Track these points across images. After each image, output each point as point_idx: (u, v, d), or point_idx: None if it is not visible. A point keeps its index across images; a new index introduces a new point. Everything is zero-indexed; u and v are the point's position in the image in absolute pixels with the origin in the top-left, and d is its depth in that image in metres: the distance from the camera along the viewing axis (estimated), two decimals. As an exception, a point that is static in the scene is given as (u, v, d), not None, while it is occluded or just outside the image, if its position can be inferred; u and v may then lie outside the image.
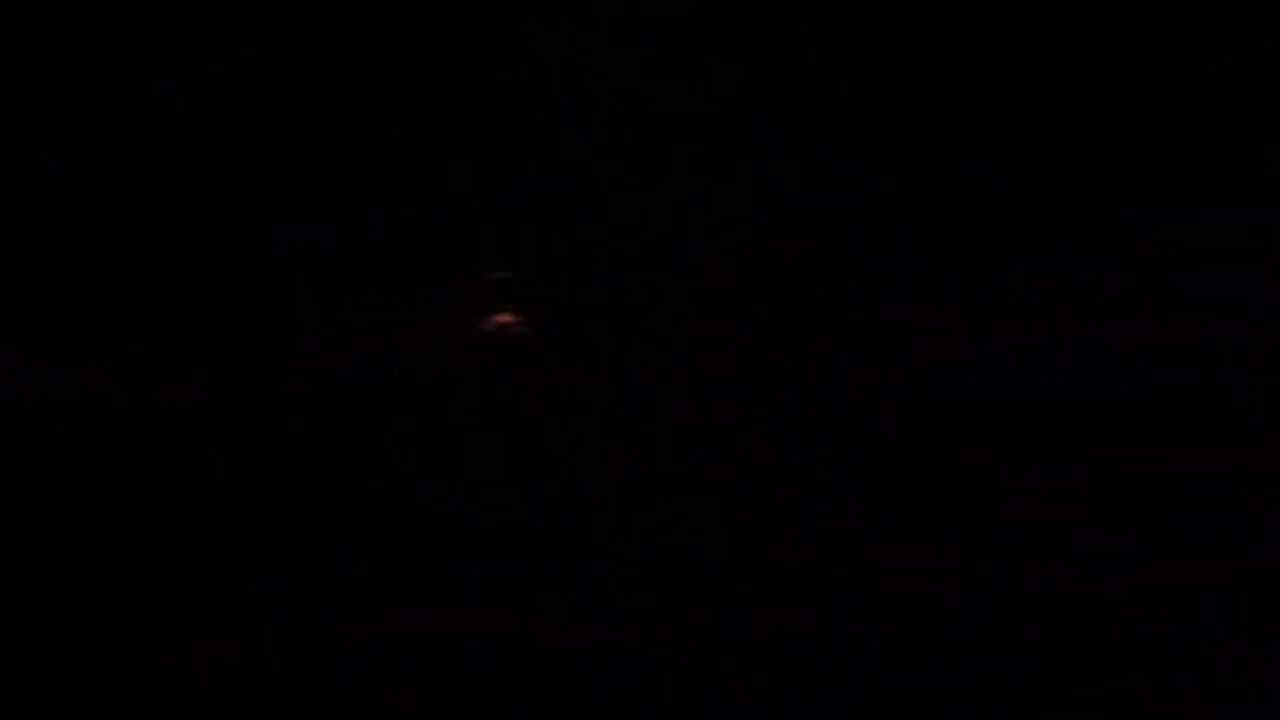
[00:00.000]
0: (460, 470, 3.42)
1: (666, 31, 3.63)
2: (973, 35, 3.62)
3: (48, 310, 3.52)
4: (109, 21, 3.58)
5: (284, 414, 3.46)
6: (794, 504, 3.37)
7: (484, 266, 3.56)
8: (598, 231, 3.59)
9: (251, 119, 3.59)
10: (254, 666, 3.22)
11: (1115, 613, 3.25)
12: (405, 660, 3.22)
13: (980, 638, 3.23)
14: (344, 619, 3.26)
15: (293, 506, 3.37)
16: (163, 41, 3.58)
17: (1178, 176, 3.57)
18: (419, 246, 3.59)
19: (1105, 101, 3.60)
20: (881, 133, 3.61)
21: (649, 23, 3.63)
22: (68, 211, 3.56)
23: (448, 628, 3.26)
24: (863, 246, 3.56)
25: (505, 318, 3.53)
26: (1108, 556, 3.30)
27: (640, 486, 3.41)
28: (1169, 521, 3.33)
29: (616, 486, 3.41)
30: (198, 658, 3.23)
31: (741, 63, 3.63)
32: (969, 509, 3.35)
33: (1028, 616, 3.25)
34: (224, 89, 3.58)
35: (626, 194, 3.60)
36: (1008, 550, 3.31)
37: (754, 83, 3.63)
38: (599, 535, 3.36)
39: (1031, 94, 3.60)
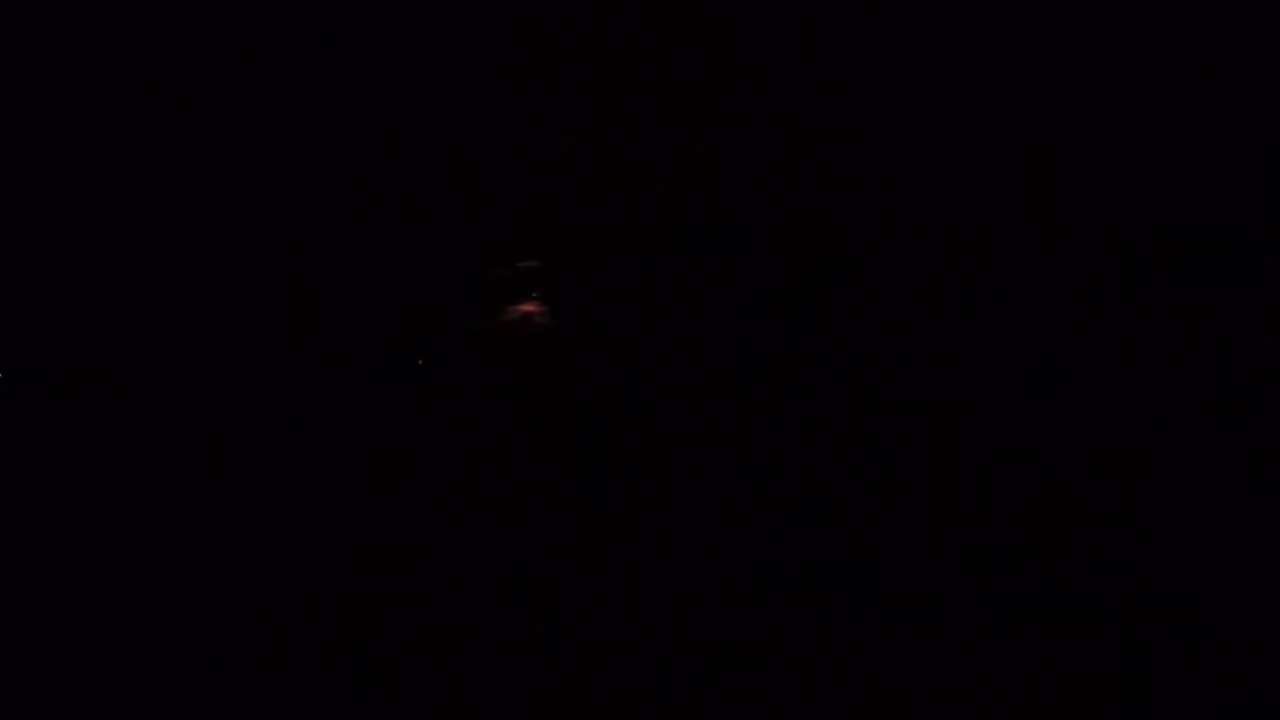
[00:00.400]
0: (463, 469, 3.42)
1: (666, 31, 3.63)
2: (973, 35, 3.62)
3: (48, 310, 3.52)
4: (109, 21, 3.58)
5: (286, 413, 3.46)
6: (794, 504, 3.37)
7: (509, 258, 3.56)
8: (597, 231, 3.59)
9: (254, 119, 3.59)
10: (255, 666, 3.22)
11: (1115, 613, 3.25)
12: (405, 660, 3.22)
13: (980, 638, 3.23)
14: (344, 619, 3.26)
15: (293, 506, 3.37)
16: (163, 41, 3.58)
17: (1178, 176, 3.57)
18: (435, 241, 3.59)
19: (1105, 101, 3.60)
20: (881, 133, 3.61)
21: (649, 23, 3.63)
22: (68, 212, 3.56)
23: (448, 628, 3.26)
24: (863, 246, 3.56)
25: (529, 307, 3.53)
26: (1108, 556, 3.30)
27: (640, 486, 3.41)
28: (1169, 521, 3.33)
29: (617, 486, 3.41)
30: (199, 657, 3.23)
31: (741, 63, 3.63)
32: (969, 509, 3.35)
33: (1028, 616, 3.25)
34: (224, 89, 3.58)
35: (626, 193, 3.59)
36: (1008, 550, 3.31)
37: (754, 83, 3.63)
38: (599, 535, 3.36)
39: (1031, 94, 3.60)
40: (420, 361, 3.46)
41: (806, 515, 3.36)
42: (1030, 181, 3.57)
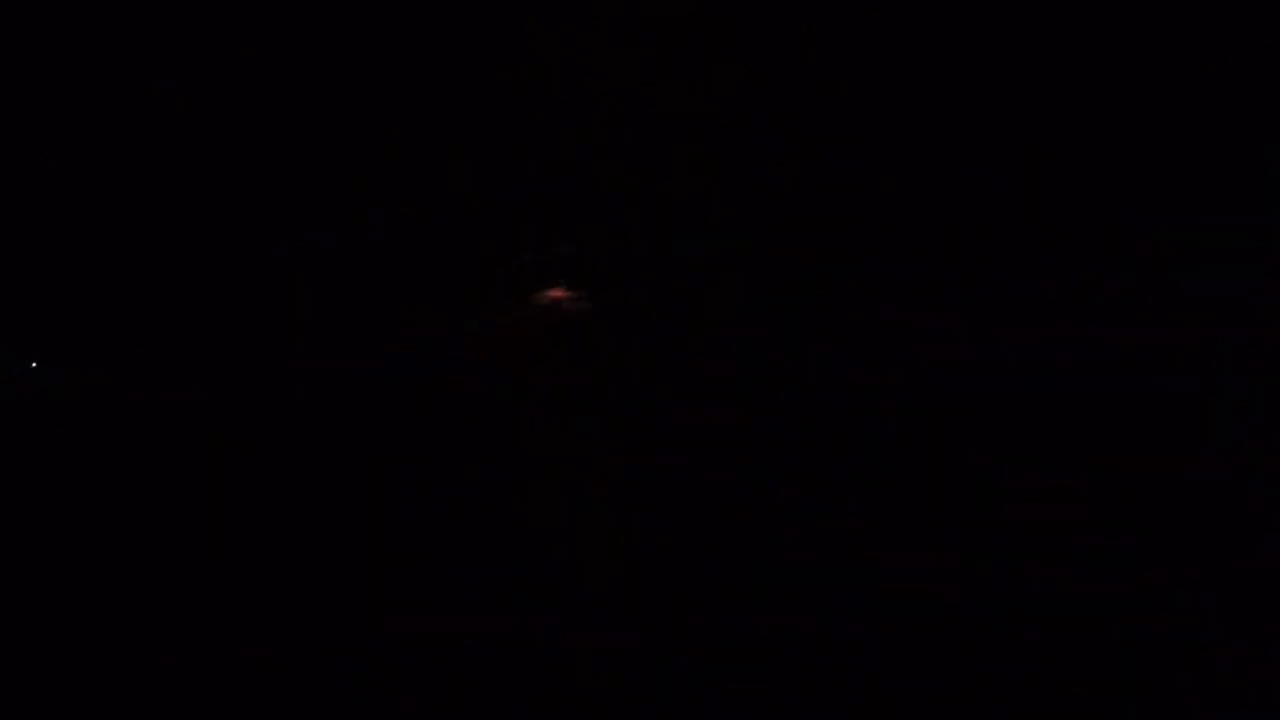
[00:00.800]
0: (463, 469, 3.42)
1: (666, 31, 3.63)
2: (973, 35, 3.62)
3: (48, 310, 3.52)
4: (109, 22, 3.58)
5: (286, 413, 3.46)
6: (794, 504, 3.37)
7: (508, 258, 3.56)
8: (596, 231, 3.59)
9: (254, 119, 3.59)
10: (255, 666, 3.22)
11: (1115, 613, 3.25)
12: (405, 660, 3.22)
13: (980, 638, 3.23)
14: (344, 619, 3.26)
15: (293, 506, 3.37)
16: (163, 42, 3.58)
17: (1178, 176, 3.57)
18: (435, 240, 3.59)
19: (1105, 101, 3.60)
20: (881, 133, 3.61)
21: (649, 23, 3.63)
22: (68, 212, 3.56)
23: (448, 628, 3.26)
24: (863, 246, 3.56)
25: (559, 292, 3.54)
26: (1108, 556, 3.30)
27: (640, 486, 3.41)
28: (1169, 521, 3.33)
29: (617, 486, 3.41)
30: (199, 657, 3.23)
31: (741, 63, 3.63)
32: (969, 509, 3.35)
33: (1028, 616, 3.25)
34: (224, 89, 3.58)
35: (626, 193, 3.60)
36: (1008, 550, 3.31)
37: (754, 83, 3.63)
38: (599, 535, 3.36)
39: (1031, 94, 3.60)
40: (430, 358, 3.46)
41: (806, 515, 3.36)
42: (1030, 181, 3.57)
